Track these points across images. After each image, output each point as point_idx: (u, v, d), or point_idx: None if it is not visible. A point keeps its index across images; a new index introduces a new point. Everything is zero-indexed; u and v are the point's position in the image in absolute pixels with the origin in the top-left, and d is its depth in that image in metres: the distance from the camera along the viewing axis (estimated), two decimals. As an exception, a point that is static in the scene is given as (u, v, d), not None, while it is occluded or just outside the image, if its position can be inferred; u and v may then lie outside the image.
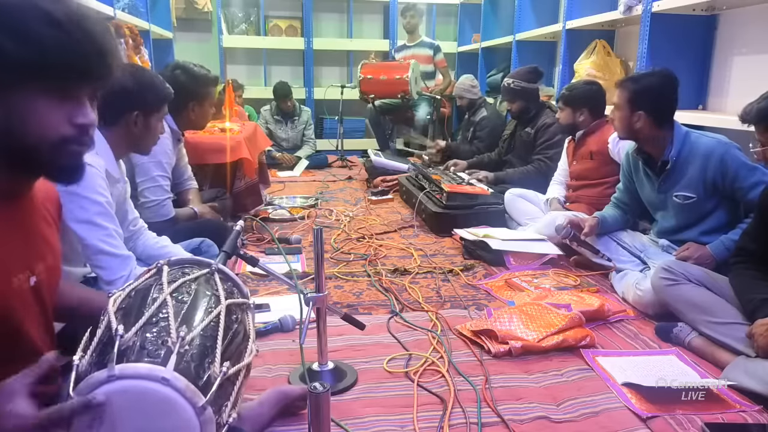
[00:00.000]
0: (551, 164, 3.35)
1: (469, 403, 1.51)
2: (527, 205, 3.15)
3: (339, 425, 1.39)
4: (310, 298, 1.46)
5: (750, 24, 2.77)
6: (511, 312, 1.96)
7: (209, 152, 2.95)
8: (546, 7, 4.77)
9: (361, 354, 1.77)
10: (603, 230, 2.49)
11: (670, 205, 2.26)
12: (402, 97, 5.17)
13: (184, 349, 0.91)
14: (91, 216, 1.50)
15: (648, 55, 2.93)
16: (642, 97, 2.17)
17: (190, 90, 2.38)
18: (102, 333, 0.93)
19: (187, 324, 0.95)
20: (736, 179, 2.06)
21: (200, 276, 1.09)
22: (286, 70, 6.64)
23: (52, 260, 1.08)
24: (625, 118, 2.22)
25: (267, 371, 1.65)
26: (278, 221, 3.40)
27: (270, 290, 2.28)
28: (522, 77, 3.60)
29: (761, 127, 1.62)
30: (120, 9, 3.72)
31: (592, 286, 2.38)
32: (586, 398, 1.53)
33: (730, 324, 1.71)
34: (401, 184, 4.03)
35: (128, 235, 1.79)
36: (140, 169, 2.25)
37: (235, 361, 0.99)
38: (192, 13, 6.17)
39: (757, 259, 1.77)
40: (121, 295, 1.01)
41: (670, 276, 1.89)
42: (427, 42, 5.72)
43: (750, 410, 1.47)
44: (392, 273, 2.52)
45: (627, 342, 1.89)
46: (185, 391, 0.86)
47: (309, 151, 5.59)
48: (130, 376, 0.85)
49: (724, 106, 2.92)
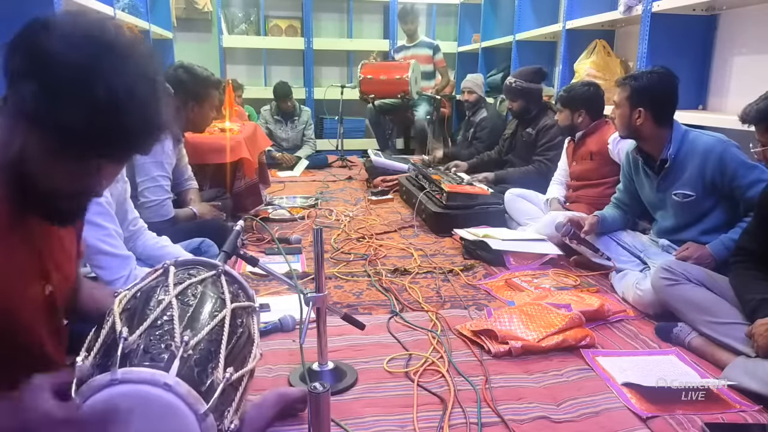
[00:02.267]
0: (551, 165, 3.35)
1: (469, 403, 1.51)
2: (527, 205, 3.15)
3: (339, 425, 1.39)
4: (310, 298, 1.46)
5: (750, 24, 2.77)
6: (511, 312, 1.96)
7: (209, 152, 2.95)
8: (546, 7, 4.77)
9: (361, 354, 1.77)
10: (603, 229, 2.49)
11: (670, 204, 2.26)
12: (402, 97, 5.17)
13: (187, 354, 0.90)
14: (91, 216, 1.50)
15: (648, 55, 2.93)
16: (642, 94, 2.18)
17: (190, 89, 2.38)
18: (106, 334, 0.93)
19: (191, 328, 0.95)
20: (735, 177, 2.06)
21: (207, 278, 1.09)
22: (286, 70, 6.64)
23: (69, 267, 1.07)
24: (625, 115, 2.22)
25: (267, 371, 1.65)
26: (278, 221, 3.40)
27: (270, 290, 2.28)
28: (525, 77, 3.60)
29: (761, 127, 1.63)
30: (120, 9, 3.72)
31: (592, 286, 2.38)
32: (586, 398, 1.53)
33: (730, 324, 1.71)
34: (401, 184, 4.03)
35: (128, 235, 1.79)
36: (140, 169, 2.25)
37: (238, 366, 0.98)
38: (192, 13, 6.17)
39: (756, 258, 1.77)
40: (127, 296, 1.01)
41: (670, 276, 1.89)
42: (427, 42, 5.72)
43: (750, 410, 1.47)
44: (392, 273, 2.52)
45: (627, 342, 1.89)
46: (187, 397, 0.86)
47: (309, 151, 5.58)
48: (132, 381, 0.85)
49: (724, 106, 2.92)
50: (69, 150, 0.83)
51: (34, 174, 0.86)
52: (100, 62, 0.80)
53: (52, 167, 0.85)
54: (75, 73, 0.79)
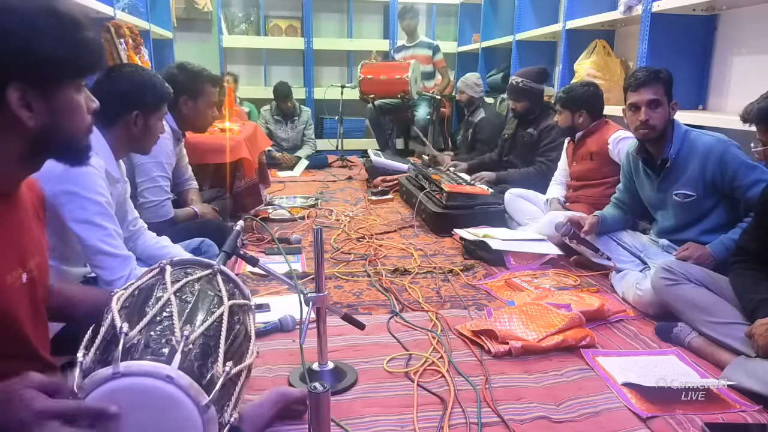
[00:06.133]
0: (552, 166, 3.34)
1: (469, 403, 1.51)
2: (527, 205, 3.15)
3: (339, 425, 1.39)
4: (310, 298, 1.46)
5: (750, 24, 2.77)
6: (511, 312, 1.96)
7: (209, 152, 2.95)
8: (546, 7, 4.77)
9: (361, 354, 1.77)
10: (603, 229, 2.49)
11: (670, 203, 2.26)
12: (402, 97, 5.17)
13: (188, 348, 0.91)
14: (91, 216, 1.50)
15: (648, 55, 2.93)
16: (670, 86, 2.18)
17: (183, 84, 2.37)
18: (106, 331, 0.93)
19: (190, 323, 0.96)
20: (736, 177, 2.06)
21: (203, 276, 1.09)
22: (286, 70, 6.64)
23: (41, 258, 1.09)
24: (665, 111, 2.18)
25: (267, 371, 1.65)
26: (278, 221, 3.40)
27: (270, 290, 2.28)
28: (530, 77, 3.58)
29: (762, 126, 1.62)
30: (120, 9, 3.72)
31: (592, 286, 2.38)
32: (586, 398, 1.53)
33: (730, 324, 1.71)
34: (401, 184, 4.03)
35: (128, 235, 1.79)
36: (140, 169, 2.25)
37: (237, 361, 0.99)
38: (192, 13, 6.17)
39: (757, 258, 1.77)
40: (125, 294, 1.01)
41: (670, 276, 1.89)
42: (426, 42, 5.72)
43: (750, 410, 1.47)
44: (392, 273, 2.52)
45: (627, 342, 1.89)
46: (189, 389, 0.86)
47: (309, 151, 5.59)
48: (134, 374, 0.86)
49: (724, 106, 2.92)
50: (60, 81, 0.94)
51: (55, 124, 0.94)
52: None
53: (61, 106, 0.94)
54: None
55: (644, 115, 2.16)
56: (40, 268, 1.07)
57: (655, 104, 2.16)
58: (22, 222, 1.04)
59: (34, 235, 1.08)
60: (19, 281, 0.99)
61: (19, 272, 0.99)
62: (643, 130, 2.18)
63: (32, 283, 1.03)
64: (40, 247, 1.10)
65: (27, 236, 1.05)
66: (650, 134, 2.19)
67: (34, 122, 0.91)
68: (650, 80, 2.16)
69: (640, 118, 2.16)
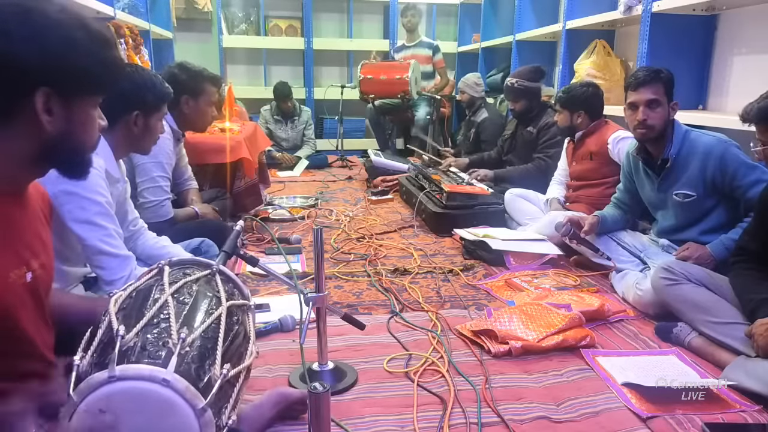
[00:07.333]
0: (551, 162, 3.35)
1: (469, 403, 1.51)
2: (527, 205, 3.15)
3: (339, 425, 1.39)
4: (310, 298, 1.46)
5: (750, 24, 2.77)
6: (511, 312, 1.96)
7: (209, 152, 2.95)
8: (546, 7, 4.77)
9: (361, 354, 1.77)
10: (603, 229, 2.49)
11: (670, 203, 2.26)
12: (402, 97, 5.16)
13: (184, 351, 0.91)
14: (91, 216, 1.50)
15: (648, 55, 2.92)
16: (671, 86, 2.18)
17: (183, 83, 2.38)
18: (103, 333, 0.93)
19: (188, 325, 0.95)
20: (736, 177, 2.06)
21: (201, 277, 1.09)
22: (286, 70, 6.64)
23: (47, 258, 1.09)
24: (665, 111, 2.18)
25: (267, 371, 1.65)
26: (278, 221, 3.40)
27: (270, 290, 2.28)
28: (525, 76, 3.59)
29: (762, 126, 1.62)
30: (120, 9, 3.72)
31: (592, 286, 2.38)
32: (586, 398, 1.53)
33: (730, 324, 1.71)
34: (401, 184, 4.03)
35: (128, 235, 1.79)
36: (140, 169, 2.25)
37: (235, 363, 0.99)
38: (192, 13, 6.17)
39: (757, 258, 1.77)
40: (122, 296, 1.01)
41: (670, 276, 1.89)
42: (426, 42, 5.72)
43: (750, 410, 1.47)
44: (392, 273, 2.52)
45: (627, 342, 1.89)
46: (185, 393, 0.86)
47: (309, 151, 5.58)
48: (130, 378, 0.85)
49: (724, 106, 2.92)
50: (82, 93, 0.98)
51: (69, 132, 0.97)
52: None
53: (78, 117, 0.98)
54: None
55: (642, 115, 2.16)
56: (45, 268, 1.08)
57: (654, 104, 2.15)
58: (29, 222, 1.05)
59: (40, 236, 1.09)
60: (23, 279, 0.99)
61: (23, 270, 1.00)
62: (641, 130, 2.18)
63: (36, 283, 1.03)
64: (45, 247, 1.10)
65: (33, 236, 1.05)
66: (648, 134, 2.19)
67: (51, 127, 0.94)
68: (650, 80, 2.16)
69: (638, 118, 2.16)
